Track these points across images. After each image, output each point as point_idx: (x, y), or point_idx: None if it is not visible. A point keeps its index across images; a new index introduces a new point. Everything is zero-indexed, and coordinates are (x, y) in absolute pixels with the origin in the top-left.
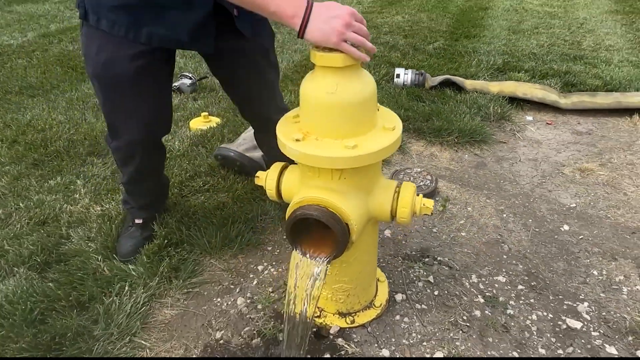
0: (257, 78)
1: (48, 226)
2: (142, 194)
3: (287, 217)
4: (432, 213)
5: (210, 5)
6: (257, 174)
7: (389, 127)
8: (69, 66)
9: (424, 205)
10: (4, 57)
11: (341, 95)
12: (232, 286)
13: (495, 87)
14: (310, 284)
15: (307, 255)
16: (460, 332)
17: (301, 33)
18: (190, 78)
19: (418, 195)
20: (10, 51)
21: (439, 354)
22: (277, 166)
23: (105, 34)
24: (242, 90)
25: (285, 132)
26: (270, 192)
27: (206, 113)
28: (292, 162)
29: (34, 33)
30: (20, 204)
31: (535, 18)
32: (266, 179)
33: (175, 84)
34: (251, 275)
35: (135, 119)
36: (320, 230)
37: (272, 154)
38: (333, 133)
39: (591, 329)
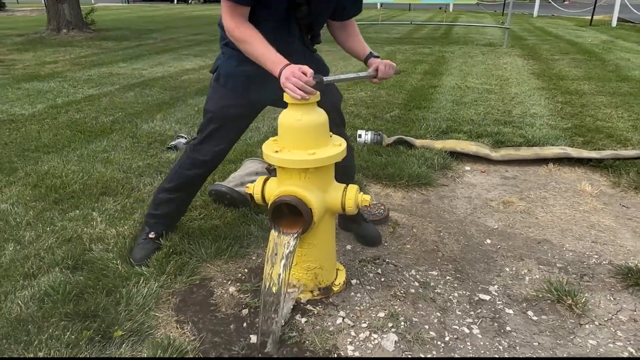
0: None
1: (73, 242)
2: (171, 204)
3: (269, 205)
4: (369, 204)
5: None
6: (246, 185)
7: (337, 144)
8: (77, 130)
9: (363, 198)
10: (17, 123)
11: (305, 121)
12: (224, 281)
13: (439, 144)
14: (285, 253)
15: (284, 233)
16: (398, 300)
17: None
18: (185, 138)
19: (360, 193)
20: (23, 119)
21: (381, 314)
22: (261, 179)
23: (226, 89)
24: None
25: (269, 147)
26: (257, 196)
27: None
28: (273, 176)
29: (42, 105)
30: (47, 229)
31: (476, 93)
32: (254, 187)
33: (173, 142)
34: (239, 275)
35: (223, 142)
36: (291, 217)
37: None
38: (300, 146)
39: (497, 300)
